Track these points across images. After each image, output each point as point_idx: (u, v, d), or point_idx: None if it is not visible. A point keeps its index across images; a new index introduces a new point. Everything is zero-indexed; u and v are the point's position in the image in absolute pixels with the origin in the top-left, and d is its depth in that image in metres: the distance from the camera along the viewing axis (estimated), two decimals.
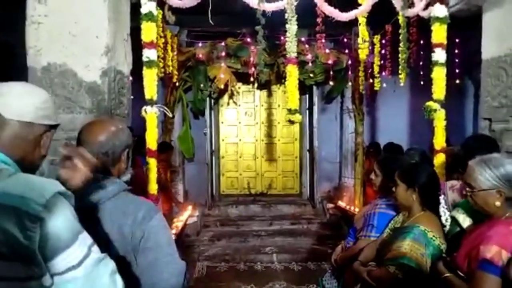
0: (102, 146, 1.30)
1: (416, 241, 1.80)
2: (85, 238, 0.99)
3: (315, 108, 6.69)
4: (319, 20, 3.61)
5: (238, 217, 6.42)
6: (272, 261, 5.08)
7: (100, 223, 1.22)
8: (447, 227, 1.92)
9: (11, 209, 0.89)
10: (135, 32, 2.87)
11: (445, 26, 2.88)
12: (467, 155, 1.76)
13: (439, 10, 2.85)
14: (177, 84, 5.77)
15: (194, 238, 5.70)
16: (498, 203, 1.53)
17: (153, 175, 2.61)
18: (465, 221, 1.85)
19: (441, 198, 1.96)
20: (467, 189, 1.62)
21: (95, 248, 1.00)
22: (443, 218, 1.92)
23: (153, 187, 2.59)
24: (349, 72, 5.96)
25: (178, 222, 5.24)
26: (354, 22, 3.57)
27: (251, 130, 7.48)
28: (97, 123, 1.40)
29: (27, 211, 0.89)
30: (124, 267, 1.20)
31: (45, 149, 1.13)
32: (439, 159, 2.80)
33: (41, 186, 0.95)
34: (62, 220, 0.94)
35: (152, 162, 2.60)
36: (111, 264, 1.03)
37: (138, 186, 2.61)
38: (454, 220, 1.90)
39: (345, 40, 5.95)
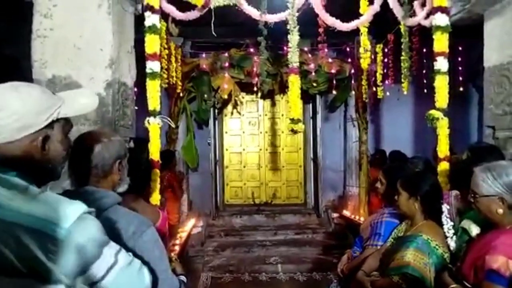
0: (91, 159, 1.31)
1: (419, 250, 1.80)
2: (111, 249, 1.02)
3: (319, 117, 6.70)
4: (321, 30, 3.63)
5: (242, 227, 6.40)
6: (277, 271, 5.04)
7: None
8: (450, 237, 1.90)
9: (36, 232, 0.91)
10: (139, 44, 2.91)
11: (447, 35, 2.88)
12: (471, 165, 1.75)
13: (441, 19, 2.85)
14: (181, 94, 5.82)
15: (199, 248, 5.68)
16: (500, 211, 1.52)
17: (156, 185, 2.61)
18: (475, 230, 1.83)
19: (444, 207, 1.95)
20: (471, 195, 1.62)
21: (122, 254, 1.04)
22: (445, 227, 1.91)
23: (156, 198, 2.59)
24: (352, 81, 5.98)
25: (183, 233, 5.23)
26: (357, 31, 3.59)
27: (255, 140, 7.50)
28: (86, 135, 1.39)
29: (52, 235, 0.91)
30: None
31: (50, 151, 1.05)
32: (443, 167, 2.78)
33: (65, 209, 0.96)
34: (85, 240, 0.95)
35: (155, 173, 2.60)
36: (136, 264, 1.07)
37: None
38: (464, 231, 1.88)
39: (348, 49, 5.98)
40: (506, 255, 1.42)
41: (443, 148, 2.82)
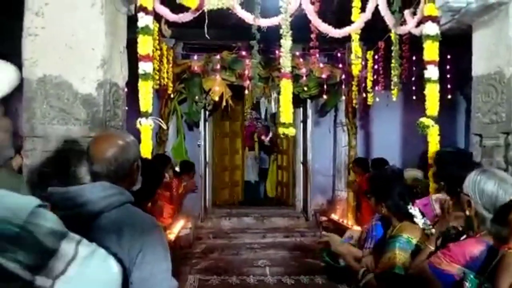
0: (110, 163, 1.31)
1: (403, 249, 1.87)
2: (70, 240, 1.00)
3: (309, 121, 6.74)
4: (313, 35, 3.67)
5: (231, 230, 6.40)
6: (265, 274, 5.04)
7: (100, 231, 1.21)
8: (429, 232, 1.96)
9: None
10: (131, 44, 2.89)
11: (437, 44, 2.94)
12: (439, 168, 1.79)
13: (431, 28, 2.91)
14: (172, 95, 5.80)
15: (187, 250, 5.65)
16: (467, 212, 1.56)
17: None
18: None
19: (412, 210, 1.98)
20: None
21: (83, 245, 1.02)
22: (420, 225, 1.96)
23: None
24: (343, 86, 6.04)
25: (171, 234, 5.20)
26: (348, 37, 3.63)
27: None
28: (103, 139, 1.38)
29: (4, 233, 0.89)
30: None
31: None
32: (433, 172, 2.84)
33: (16, 205, 0.94)
34: (42, 235, 0.94)
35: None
36: (100, 253, 1.05)
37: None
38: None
39: (339, 55, 6.04)
40: (451, 258, 1.48)
41: (433, 155, 2.87)
